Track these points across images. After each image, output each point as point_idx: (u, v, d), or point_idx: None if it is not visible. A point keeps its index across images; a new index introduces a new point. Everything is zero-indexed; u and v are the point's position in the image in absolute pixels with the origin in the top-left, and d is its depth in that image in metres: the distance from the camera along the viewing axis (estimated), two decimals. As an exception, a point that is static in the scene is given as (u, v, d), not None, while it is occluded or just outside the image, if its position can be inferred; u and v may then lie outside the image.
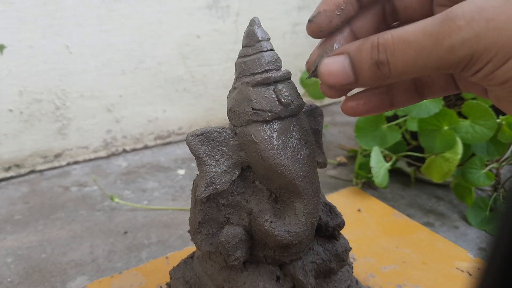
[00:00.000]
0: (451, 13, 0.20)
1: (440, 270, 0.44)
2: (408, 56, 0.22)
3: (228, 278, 0.31)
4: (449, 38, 0.20)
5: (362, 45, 0.24)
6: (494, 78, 0.21)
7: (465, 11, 0.20)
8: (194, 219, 0.31)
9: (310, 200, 0.28)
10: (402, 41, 0.22)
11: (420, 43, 0.21)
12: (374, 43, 0.23)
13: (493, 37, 0.20)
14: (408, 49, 0.22)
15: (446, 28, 0.20)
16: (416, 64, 0.22)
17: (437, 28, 0.21)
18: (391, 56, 0.22)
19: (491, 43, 0.20)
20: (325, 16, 0.26)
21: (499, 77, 0.21)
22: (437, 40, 0.21)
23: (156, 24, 0.72)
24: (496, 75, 0.21)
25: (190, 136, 0.28)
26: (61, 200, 0.61)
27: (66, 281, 0.44)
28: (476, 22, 0.20)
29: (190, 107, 0.82)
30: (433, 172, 0.57)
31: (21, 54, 0.63)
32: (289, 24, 0.87)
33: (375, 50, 0.23)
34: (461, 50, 0.20)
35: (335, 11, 0.26)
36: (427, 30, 0.21)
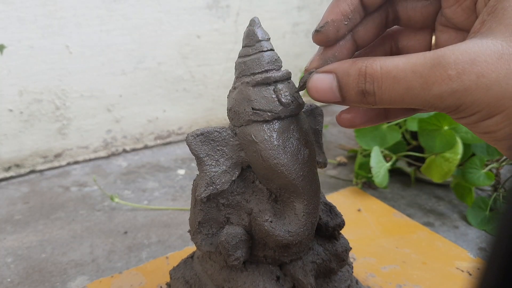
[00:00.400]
0: (443, 59, 0.20)
1: (440, 270, 0.44)
2: (395, 92, 0.22)
3: (228, 278, 0.31)
4: (439, 86, 0.20)
5: (350, 68, 0.24)
6: (477, 127, 0.22)
7: (458, 61, 0.20)
8: (194, 219, 0.31)
9: (310, 200, 0.28)
10: (391, 77, 0.22)
11: (408, 83, 0.21)
12: (362, 71, 0.23)
13: (481, 94, 0.20)
14: (395, 86, 0.22)
15: (437, 75, 0.20)
16: (403, 100, 0.22)
17: (427, 71, 0.21)
18: (378, 88, 0.22)
19: (478, 99, 0.20)
20: (332, 27, 0.26)
21: (482, 128, 0.22)
22: (426, 84, 0.21)
23: (156, 24, 0.72)
24: (479, 126, 0.21)
25: (190, 136, 0.28)
26: (61, 200, 0.61)
27: (66, 281, 0.44)
28: (467, 75, 0.20)
29: (190, 107, 0.82)
30: (433, 172, 0.57)
31: (21, 54, 0.63)
32: (289, 24, 0.87)
33: (362, 78, 0.23)
34: (448, 100, 0.21)
35: (342, 21, 0.26)
36: (417, 70, 0.21)
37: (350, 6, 0.26)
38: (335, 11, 0.26)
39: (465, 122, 0.22)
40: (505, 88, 0.20)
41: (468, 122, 0.22)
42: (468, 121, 0.22)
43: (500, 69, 0.20)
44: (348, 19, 0.26)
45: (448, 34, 0.26)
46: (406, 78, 0.21)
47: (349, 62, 0.24)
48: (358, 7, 0.26)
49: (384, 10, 0.28)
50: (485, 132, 0.22)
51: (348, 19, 0.26)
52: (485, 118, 0.21)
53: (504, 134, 0.21)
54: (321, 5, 0.89)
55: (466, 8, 0.24)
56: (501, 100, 0.20)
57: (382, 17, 0.28)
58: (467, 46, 0.20)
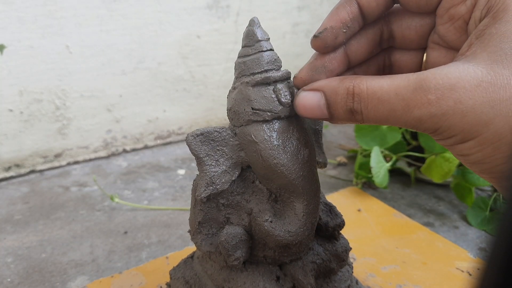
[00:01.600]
0: (424, 83, 0.21)
1: (440, 270, 0.44)
2: (380, 113, 0.23)
3: (228, 278, 0.31)
4: (418, 110, 0.21)
5: (338, 87, 0.24)
6: (453, 149, 0.23)
7: (438, 86, 0.21)
8: (194, 219, 0.31)
9: (310, 200, 0.28)
10: (376, 98, 0.23)
11: (392, 105, 0.22)
12: (350, 90, 0.23)
13: (457, 119, 0.21)
14: (380, 106, 0.22)
15: (418, 99, 0.21)
16: (387, 121, 0.23)
17: (409, 94, 0.21)
18: (365, 108, 0.23)
19: (454, 124, 0.21)
20: (331, 33, 0.26)
21: (457, 151, 0.23)
22: (408, 107, 0.22)
23: (156, 24, 0.72)
24: (455, 148, 0.22)
25: (190, 136, 0.28)
26: (61, 200, 0.61)
27: (66, 281, 0.44)
28: (445, 101, 0.21)
29: (190, 107, 0.82)
30: (433, 172, 0.57)
31: (21, 54, 0.63)
32: (289, 24, 0.87)
33: (350, 98, 0.24)
34: (427, 123, 0.22)
35: (341, 28, 0.26)
36: (399, 93, 0.22)
37: (349, 14, 0.26)
38: (334, 18, 0.26)
39: (443, 144, 0.23)
40: (479, 116, 0.20)
41: (445, 144, 0.23)
42: (445, 143, 0.23)
43: (477, 97, 0.20)
44: (347, 27, 0.26)
45: (439, 51, 0.27)
46: (389, 100, 0.22)
47: (336, 81, 0.24)
48: (357, 16, 0.26)
49: (379, 28, 0.28)
50: (460, 155, 0.23)
51: (347, 27, 0.26)
52: (460, 142, 0.22)
53: (476, 158, 0.22)
54: (321, 5, 0.89)
55: (458, 27, 0.25)
56: (475, 127, 0.21)
57: (376, 34, 0.28)
58: (449, 71, 0.21)
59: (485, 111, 0.20)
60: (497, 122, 0.20)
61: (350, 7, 0.26)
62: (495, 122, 0.20)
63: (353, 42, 0.27)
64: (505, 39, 0.21)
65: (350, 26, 0.26)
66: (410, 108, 0.21)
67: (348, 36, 0.27)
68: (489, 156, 0.21)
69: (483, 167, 0.22)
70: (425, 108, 0.21)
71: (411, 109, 0.21)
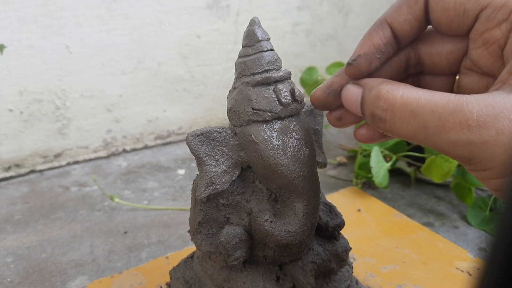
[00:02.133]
0: (466, 106, 0.19)
1: (440, 270, 0.44)
2: (409, 127, 0.21)
3: (228, 278, 0.31)
4: (455, 133, 0.20)
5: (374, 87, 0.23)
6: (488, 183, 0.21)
7: (480, 113, 0.19)
8: (194, 219, 0.31)
9: (310, 200, 0.28)
10: (409, 110, 0.21)
11: (425, 121, 0.20)
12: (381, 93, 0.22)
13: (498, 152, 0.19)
14: (411, 120, 0.21)
15: (456, 121, 0.20)
16: (415, 137, 0.21)
17: (447, 114, 0.20)
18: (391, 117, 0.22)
19: (493, 156, 0.19)
20: (365, 60, 0.25)
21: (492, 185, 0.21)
22: (443, 128, 0.20)
23: (156, 24, 0.72)
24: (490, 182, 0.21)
25: (190, 136, 0.28)
26: (61, 200, 0.61)
27: (66, 281, 0.44)
28: (487, 129, 0.19)
29: (190, 107, 0.82)
30: (433, 172, 0.57)
31: (21, 54, 0.63)
32: (289, 24, 0.87)
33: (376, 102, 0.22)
34: (462, 149, 0.20)
35: (375, 54, 0.25)
36: (437, 111, 0.20)
37: (382, 39, 0.25)
38: (367, 44, 0.25)
39: (476, 175, 0.21)
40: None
41: (479, 176, 0.21)
42: (479, 175, 0.21)
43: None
44: (381, 52, 0.25)
45: (471, 77, 0.26)
46: (424, 115, 0.20)
47: (378, 81, 0.23)
48: (390, 40, 0.25)
49: (405, 54, 0.27)
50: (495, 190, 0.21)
51: (381, 52, 0.25)
52: (497, 176, 0.20)
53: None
54: (321, 5, 0.89)
55: (492, 52, 0.24)
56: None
57: (402, 61, 0.27)
58: (493, 100, 0.20)
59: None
60: None
61: (383, 32, 0.25)
62: None
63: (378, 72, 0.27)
64: None
65: (384, 51, 0.25)
66: (445, 130, 0.20)
67: (382, 61, 0.26)
68: None
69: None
70: (463, 133, 0.19)
71: (446, 130, 0.20)
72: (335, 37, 0.93)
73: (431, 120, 0.20)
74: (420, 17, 0.25)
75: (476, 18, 0.23)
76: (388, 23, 0.25)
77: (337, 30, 0.93)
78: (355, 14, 0.94)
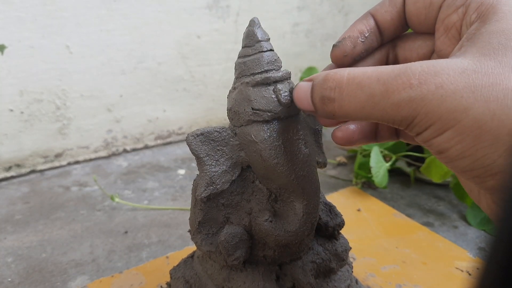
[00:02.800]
0: (409, 69, 0.20)
1: (440, 270, 0.44)
2: (357, 99, 0.21)
3: (228, 277, 0.31)
4: (398, 94, 0.20)
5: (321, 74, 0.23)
6: (431, 145, 0.21)
7: (422, 71, 0.20)
8: (194, 219, 0.31)
9: (310, 200, 0.28)
10: (356, 83, 0.21)
11: (371, 89, 0.21)
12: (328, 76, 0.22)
13: (435, 105, 0.19)
14: (358, 92, 0.21)
15: (399, 83, 0.20)
16: (363, 109, 0.21)
17: (391, 79, 0.20)
18: (339, 95, 0.22)
19: (432, 110, 0.19)
20: (349, 42, 0.26)
21: (435, 146, 0.21)
22: (387, 92, 0.20)
23: (156, 24, 0.72)
24: (433, 143, 0.21)
25: (190, 136, 0.28)
26: (62, 200, 0.61)
27: (67, 281, 0.44)
28: (427, 85, 0.19)
29: (190, 107, 0.82)
30: (433, 172, 0.57)
31: (21, 54, 0.63)
32: (289, 24, 0.87)
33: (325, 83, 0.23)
34: (405, 109, 0.20)
35: (359, 37, 0.27)
36: (382, 78, 0.21)
37: (366, 26, 0.27)
38: (352, 29, 0.27)
39: (421, 140, 0.21)
40: (459, 101, 0.19)
41: (423, 139, 0.21)
42: (423, 138, 0.21)
43: (459, 82, 0.19)
44: (365, 37, 0.27)
45: None
46: (370, 85, 0.21)
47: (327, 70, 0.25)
48: (374, 29, 0.27)
49: (385, 51, 0.29)
50: (439, 152, 0.21)
51: (365, 37, 0.27)
52: (438, 134, 0.20)
53: (456, 152, 0.20)
54: (321, 5, 0.89)
55: (452, 37, 0.25)
56: (453, 113, 0.19)
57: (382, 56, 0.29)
58: (436, 61, 0.20)
59: (465, 95, 0.19)
60: (477, 107, 0.19)
61: (366, 21, 0.27)
62: (475, 107, 0.19)
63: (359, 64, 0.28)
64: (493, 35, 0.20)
65: (368, 36, 0.27)
66: (389, 93, 0.20)
67: (367, 47, 0.27)
68: (470, 147, 0.19)
69: (464, 163, 0.20)
70: (405, 92, 0.20)
71: (390, 94, 0.20)
72: (335, 37, 0.93)
73: (377, 87, 0.21)
74: (400, 10, 0.27)
75: (440, 8, 0.25)
76: (372, 14, 0.27)
77: (337, 30, 0.93)
78: (355, 14, 0.94)
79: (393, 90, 0.20)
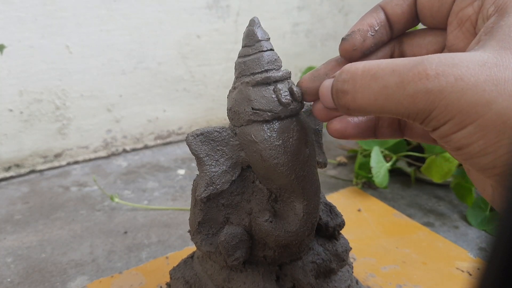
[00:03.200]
0: (426, 60, 0.19)
1: (440, 270, 0.44)
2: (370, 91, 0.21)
3: (228, 278, 0.31)
4: (414, 85, 0.19)
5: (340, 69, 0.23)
6: (450, 141, 0.20)
7: (440, 63, 0.19)
8: (194, 219, 0.31)
9: (310, 200, 0.28)
10: (370, 74, 0.21)
11: (385, 81, 0.20)
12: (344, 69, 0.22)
13: (456, 98, 0.18)
14: (372, 83, 0.21)
15: (415, 73, 0.19)
16: (376, 101, 0.21)
17: (407, 70, 0.20)
18: (353, 86, 0.21)
19: (451, 103, 0.19)
20: (359, 35, 0.26)
21: (454, 142, 0.20)
22: (402, 83, 0.19)
23: (156, 24, 0.72)
24: (452, 139, 0.20)
25: (190, 136, 0.28)
26: (61, 200, 0.61)
27: (66, 281, 0.44)
28: (445, 77, 0.19)
29: (190, 107, 0.82)
30: (433, 172, 0.57)
31: (21, 54, 0.63)
32: (289, 24, 0.87)
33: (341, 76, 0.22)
34: (421, 101, 0.19)
35: (369, 31, 0.26)
36: (397, 69, 0.20)
37: (376, 19, 0.26)
38: (361, 22, 0.26)
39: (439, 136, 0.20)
40: (481, 95, 0.18)
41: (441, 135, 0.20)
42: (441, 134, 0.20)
43: (479, 75, 0.18)
44: (375, 31, 0.26)
45: None
46: (384, 76, 0.20)
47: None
48: (384, 22, 0.26)
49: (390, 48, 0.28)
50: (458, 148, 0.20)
51: (375, 30, 0.26)
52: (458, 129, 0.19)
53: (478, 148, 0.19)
54: (321, 5, 0.89)
55: (466, 31, 0.24)
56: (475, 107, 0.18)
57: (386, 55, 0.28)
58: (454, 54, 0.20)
59: (487, 89, 0.18)
60: (500, 101, 0.18)
61: (376, 14, 0.26)
62: (498, 101, 0.18)
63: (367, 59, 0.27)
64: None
65: (378, 30, 0.26)
66: (404, 84, 0.19)
67: (376, 41, 0.26)
68: (493, 143, 0.18)
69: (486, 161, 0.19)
70: (422, 83, 0.19)
71: (405, 85, 0.19)
72: (335, 37, 0.93)
73: (391, 79, 0.20)
74: (411, 3, 0.26)
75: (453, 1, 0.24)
76: (382, 7, 0.26)
77: (337, 30, 0.93)
78: (355, 14, 0.94)
79: (408, 81, 0.19)
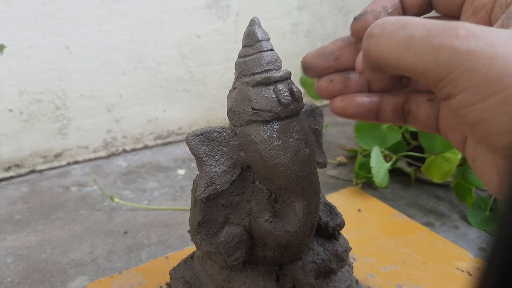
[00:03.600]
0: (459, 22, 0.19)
1: (440, 270, 0.44)
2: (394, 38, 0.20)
3: (228, 278, 0.31)
4: (441, 39, 0.18)
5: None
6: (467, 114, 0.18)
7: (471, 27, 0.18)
8: (194, 219, 0.31)
9: (310, 200, 0.28)
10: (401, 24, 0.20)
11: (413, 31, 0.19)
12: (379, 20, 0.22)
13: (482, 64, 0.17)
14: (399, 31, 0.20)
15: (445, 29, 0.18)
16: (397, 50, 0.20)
17: (437, 26, 0.19)
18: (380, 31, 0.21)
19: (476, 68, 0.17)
20: (372, 16, 0.25)
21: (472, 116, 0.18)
22: (429, 35, 0.19)
23: (156, 24, 0.72)
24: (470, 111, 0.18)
25: (190, 136, 0.28)
26: (61, 200, 0.61)
27: (66, 281, 0.44)
28: (475, 40, 0.17)
29: (190, 107, 0.82)
30: (433, 172, 0.57)
31: (21, 54, 0.63)
32: (289, 24, 0.87)
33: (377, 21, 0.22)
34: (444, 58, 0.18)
35: (381, 12, 0.25)
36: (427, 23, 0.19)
37: (390, 2, 0.26)
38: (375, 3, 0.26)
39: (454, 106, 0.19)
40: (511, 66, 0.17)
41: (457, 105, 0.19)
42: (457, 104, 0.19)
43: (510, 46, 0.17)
44: (388, 13, 0.25)
45: None
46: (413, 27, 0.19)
47: None
48: (397, 5, 0.26)
49: None
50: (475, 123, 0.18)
51: (388, 12, 0.25)
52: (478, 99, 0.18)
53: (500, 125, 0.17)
54: (321, 5, 0.89)
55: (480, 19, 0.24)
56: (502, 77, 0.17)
57: None
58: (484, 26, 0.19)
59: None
60: None
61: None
62: None
63: None
64: None
65: (391, 12, 0.25)
66: (430, 37, 0.18)
67: None
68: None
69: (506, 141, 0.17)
70: (449, 39, 0.18)
71: (431, 37, 0.18)
72: (335, 37, 0.92)
73: (419, 30, 0.19)
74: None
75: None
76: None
77: (337, 30, 0.93)
78: (355, 14, 0.93)
79: (436, 35, 0.18)
